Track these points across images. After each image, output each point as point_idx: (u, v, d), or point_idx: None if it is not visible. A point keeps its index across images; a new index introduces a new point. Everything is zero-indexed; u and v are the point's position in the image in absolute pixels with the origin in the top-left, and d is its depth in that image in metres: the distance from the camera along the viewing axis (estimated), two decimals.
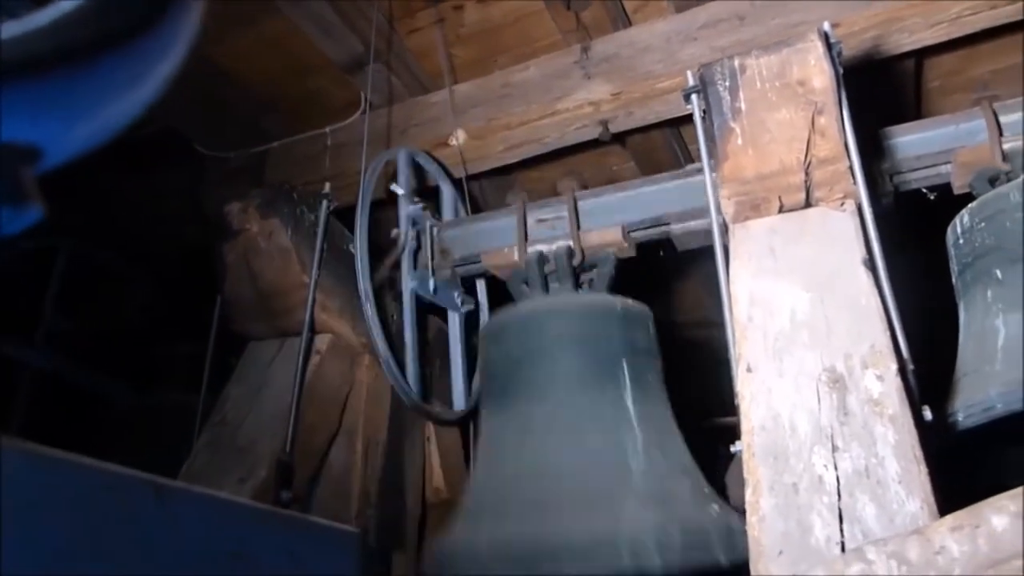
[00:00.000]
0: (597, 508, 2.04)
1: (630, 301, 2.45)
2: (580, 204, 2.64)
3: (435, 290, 2.81)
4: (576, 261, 2.55)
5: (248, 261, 2.58)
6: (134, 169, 3.66)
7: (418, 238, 2.82)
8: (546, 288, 2.56)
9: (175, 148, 3.43)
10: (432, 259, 2.79)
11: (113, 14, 0.78)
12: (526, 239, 2.63)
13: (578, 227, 2.58)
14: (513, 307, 2.53)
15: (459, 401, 2.96)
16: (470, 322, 3.03)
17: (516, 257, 2.61)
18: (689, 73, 2.06)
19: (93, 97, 0.81)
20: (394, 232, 2.79)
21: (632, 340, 2.37)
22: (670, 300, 4.47)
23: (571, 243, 2.55)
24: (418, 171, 3.06)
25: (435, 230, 2.85)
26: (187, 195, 3.46)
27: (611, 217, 2.58)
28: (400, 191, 2.81)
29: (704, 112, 2.02)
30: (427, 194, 3.04)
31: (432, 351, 3.05)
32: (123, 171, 3.63)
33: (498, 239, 2.72)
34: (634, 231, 2.56)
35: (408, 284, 2.76)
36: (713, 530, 2.00)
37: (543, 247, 2.59)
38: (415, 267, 2.79)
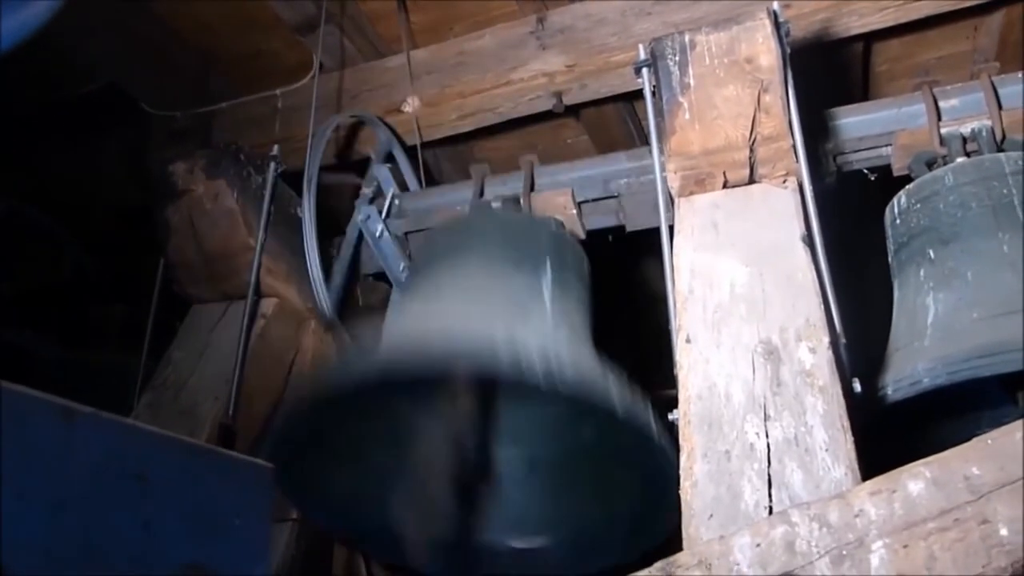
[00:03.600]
0: (489, 326, 1.96)
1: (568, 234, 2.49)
2: (536, 174, 2.65)
3: (380, 236, 2.72)
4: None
5: (193, 222, 2.53)
6: (75, 127, 3.57)
7: (378, 191, 2.79)
8: None
9: (119, 107, 3.34)
10: (388, 214, 2.76)
11: None
12: None
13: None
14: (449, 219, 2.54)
15: None
16: None
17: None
18: (641, 47, 2.07)
19: None
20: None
21: (560, 254, 2.33)
22: (623, 274, 4.51)
23: (521, 197, 2.57)
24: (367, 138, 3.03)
25: (396, 199, 2.81)
26: (129, 155, 3.39)
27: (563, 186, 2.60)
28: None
29: (654, 86, 2.04)
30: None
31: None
32: (63, 129, 3.55)
33: (453, 206, 2.71)
34: (584, 202, 2.58)
35: (357, 214, 2.71)
36: (613, 384, 1.79)
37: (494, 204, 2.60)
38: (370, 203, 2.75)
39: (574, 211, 2.57)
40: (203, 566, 1.14)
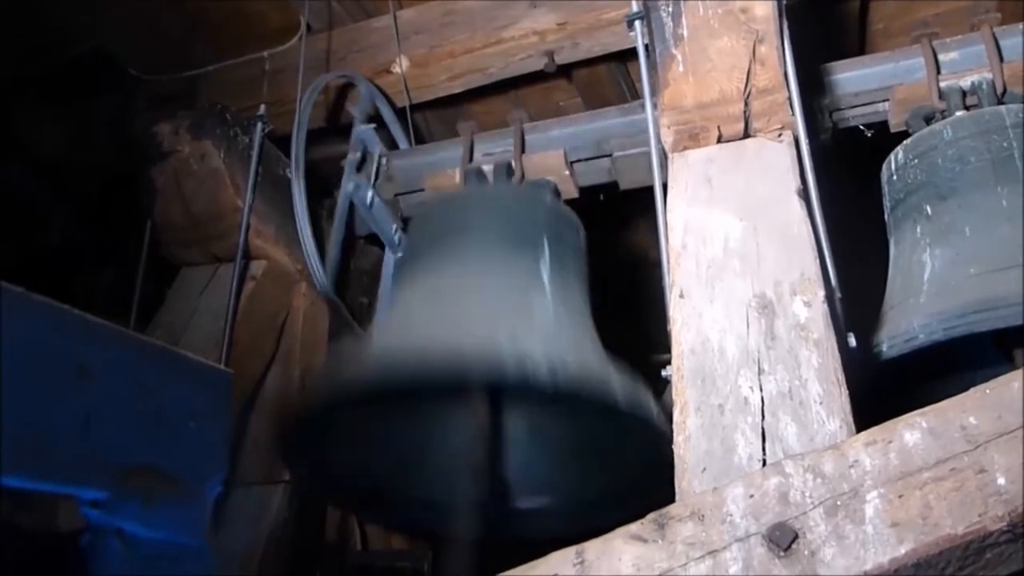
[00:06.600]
0: (493, 331, 1.96)
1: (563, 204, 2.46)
2: (527, 137, 2.61)
3: (371, 204, 2.70)
4: (515, 179, 2.53)
5: (179, 184, 2.49)
6: (61, 93, 3.51)
7: (364, 154, 2.74)
8: None
9: (105, 72, 3.29)
10: (376, 177, 2.73)
11: None
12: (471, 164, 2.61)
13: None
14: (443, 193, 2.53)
15: None
16: None
17: (458, 179, 2.58)
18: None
19: None
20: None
21: (556, 228, 2.34)
22: (616, 239, 4.49)
23: (512, 161, 2.54)
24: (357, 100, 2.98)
25: (383, 158, 2.78)
26: (116, 121, 3.33)
27: (555, 146, 2.57)
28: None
29: (647, 40, 1.99)
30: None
31: (373, 286, 3.00)
32: (50, 95, 3.49)
33: (443, 168, 2.68)
34: (577, 161, 2.55)
35: (345, 186, 2.65)
36: (615, 378, 1.85)
37: (485, 167, 2.58)
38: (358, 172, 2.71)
39: (567, 172, 2.54)
40: (155, 467, 1.10)
